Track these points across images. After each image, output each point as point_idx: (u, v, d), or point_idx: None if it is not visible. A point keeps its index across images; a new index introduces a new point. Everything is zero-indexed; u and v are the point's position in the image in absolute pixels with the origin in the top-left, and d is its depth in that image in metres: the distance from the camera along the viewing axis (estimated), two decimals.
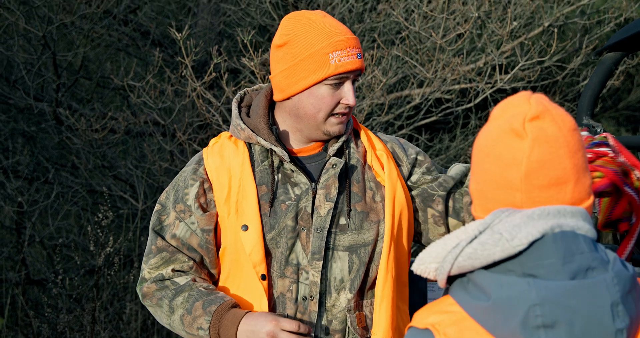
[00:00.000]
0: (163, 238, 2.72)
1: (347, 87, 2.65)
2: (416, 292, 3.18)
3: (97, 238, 5.86)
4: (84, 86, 7.74)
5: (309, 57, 2.62)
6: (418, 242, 2.85)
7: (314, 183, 2.68)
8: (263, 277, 2.63)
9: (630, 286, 1.68)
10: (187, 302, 2.64)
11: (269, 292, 2.65)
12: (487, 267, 1.71)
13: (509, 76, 6.16)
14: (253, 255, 2.63)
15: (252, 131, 2.70)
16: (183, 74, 5.94)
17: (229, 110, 6.10)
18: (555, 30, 6.14)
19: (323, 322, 2.66)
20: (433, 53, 6.23)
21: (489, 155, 1.76)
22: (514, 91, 7.51)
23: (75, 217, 7.36)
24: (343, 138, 2.73)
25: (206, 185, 2.71)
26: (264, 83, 5.50)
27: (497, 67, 6.25)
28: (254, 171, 2.70)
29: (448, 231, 2.78)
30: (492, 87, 6.27)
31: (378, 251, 2.68)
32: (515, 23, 6.22)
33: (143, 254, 6.61)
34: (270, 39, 7.27)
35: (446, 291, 1.80)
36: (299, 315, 2.65)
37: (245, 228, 2.64)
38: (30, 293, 7.01)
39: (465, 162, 7.24)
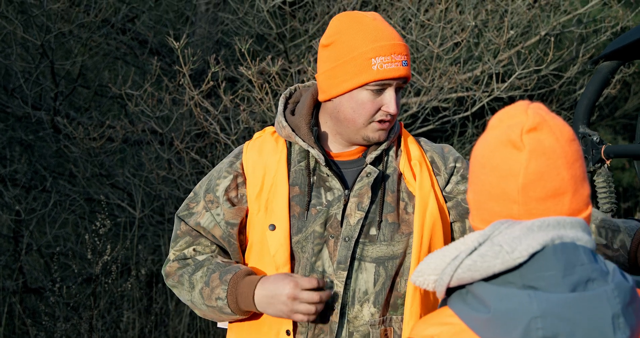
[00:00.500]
0: (187, 223, 2.69)
1: (389, 94, 2.56)
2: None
3: (95, 247, 5.86)
4: (81, 95, 7.75)
5: (351, 60, 2.55)
6: None
7: (347, 190, 2.60)
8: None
9: (630, 298, 1.67)
10: (205, 275, 2.60)
11: None
12: (486, 279, 1.69)
13: (506, 84, 6.17)
14: (277, 256, 2.58)
15: (292, 130, 2.64)
16: (181, 82, 5.95)
17: (227, 118, 6.11)
18: (552, 39, 6.16)
19: (344, 334, 2.58)
20: (430, 62, 6.25)
21: (486, 166, 1.75)
22: (511, 99, 7.52)
23: (73, 225, 7.36)
24: (383, 146, 2.64)
25: (240, 180, 2.67)
26: (261, 92, 5.52)
27: (494, 75, 6.26)
28: (289, 170, 2.64)
29: None
30: (489, 96, 6.29)
31: (407, 265, 2.60)
32: (512, 32, 6.24)
33: (140, 263, 6.62)
34: (267, 48, 7.29)
35: (443, 303, 1.78)
36: (320, 324, 2.58)
37: (273, 227, 2.59)
38: (28, 301, 7.01)
39: None
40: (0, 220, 7.10)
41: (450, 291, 1.76)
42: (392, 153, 2.68)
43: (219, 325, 2.86)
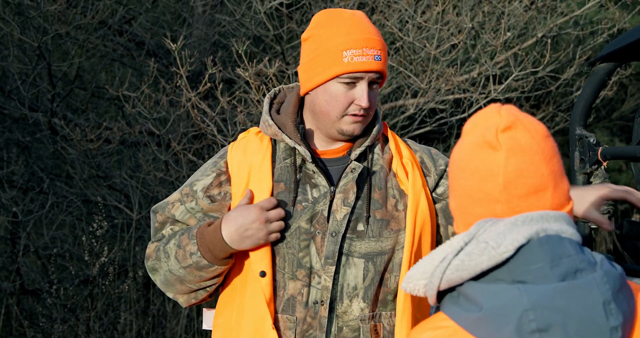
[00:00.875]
0: (162, 213, 2.71)
1: (361, 87, 2.57)
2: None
3: (92, 248, 5.86)
4: (78, 96, 7.75)
5: (324, 53, 2.57)
6: None
7: (333, 187, 2.62)
8: (262, 274, 2.58)
9: (620, 284, 1.69)
10: (176, 240, 2.62)
11: (274, 292, 2.60)
12: (475, 278, 1.70)
13: (503, 86, 6.18)
14: (255, 250, 2.59)
15: (279, 128, 2.66)
16: (178, 84, 5.96)
17: (224, 120, 6.11)
18: (549, 40, 6.17)
19: (333, 329, 2.59)
20: (427, 63, 6.25)
21: (465, 170, 1.76)
22: (508, 101, 7.53)
23: (70, 227, 7.36)
24: (367, 143, 2.66)
25: (223, 177, 2.68)
26: (258, 93, 5.52)
27: (491, 77, 6.27)
28: (273, 168, 2.65)
29: None
30: (486, 98, 6.30)
31: (397, 261, 2.62)
32: (509, 34, 6.25)
33: (137, 264, 6.62)
34: (264, 50, 7.29)
35: (437, 310, 1.79)
36: (309, 319, 2.58)
37: None
38: (25, 303, 7.00)
39: None
40: None
41: (441, 296, 1.76)
42: (377, 150, 2.70)
43: (204, 326, 2.86)
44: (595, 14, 7.46)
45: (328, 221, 2.59)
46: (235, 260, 2.64)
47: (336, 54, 2.55)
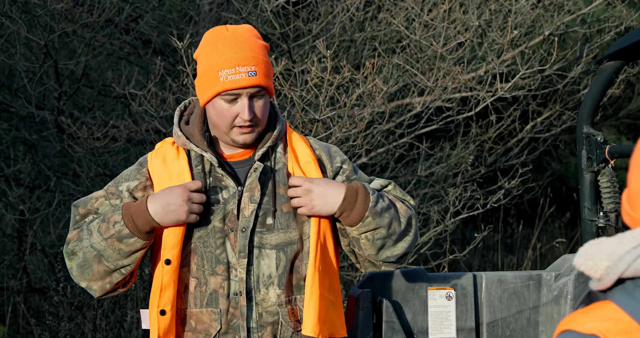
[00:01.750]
0: (84, 206, 2.93)
1: (242, 102, 2.81)
2: (363, 309, 3.35)
3: None
4: (85, 95, 7.76)
5: (205, 74, 2.83)
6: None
7: (240, 187, 2.87)
8: (167, 262, 2.82)
9: None
10: (101, 217, 2.85)
11: (179, 281, 2.87)
12: None
13: (510, 84, 6.17)
14: (167, 239, 2.82)
15: (187, 138, 2.91)
16: (184, 82, 5.96)
17: None
18: (556, 39, 6.15)
19: (254, 316, 2.86)
20: (434, 62, 6.24)
21: None
22: (515, 99, 7.52)
23: None
24: (269, 143, 2.90)
25: (147, 183, 2.92)
26: None
27: (497, 75, 6.26)
28: (192, 175, 2.90)
29: (349, 242, 2.98)
30: (492, 96, 6.28)
31: (305, 250, 2.88)
32: (515, 32, 6.24)
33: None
34: (271, 48, 7.29)
35: (589, 297, 1.62)
36: (231, 310, 2.85)
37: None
38: (32, 301, 7.02)
39: (466, 171, 7.24)
40: (4, 220, 7.11)
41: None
42: (279, 150, 2.94)
43: (143, 326, 3.03)
44: (602, 12, 7.44)
45: (238, 219, 2.86)
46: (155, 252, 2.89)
47: (214, 74, 2.81)
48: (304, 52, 6.79)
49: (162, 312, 2.83)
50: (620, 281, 1.55)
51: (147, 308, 2.98)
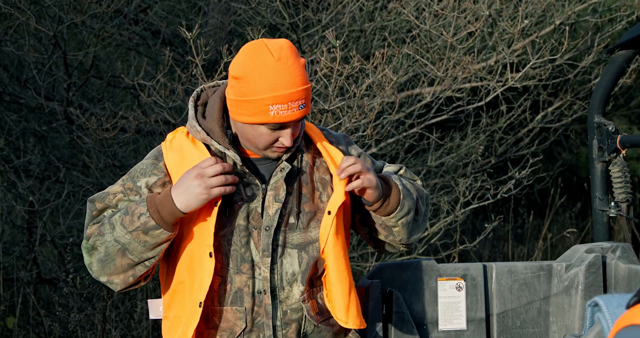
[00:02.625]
0: (102, 201, 2.86)
1: (286, 131, 2.77)
2: (373, 300, 3.34)
3: None
4: (94, 85, 7.75)
5: (252, 102, 2.72)
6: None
7: (264, 185, 2.85)
8: (210, 255, 2.77)
9: None
10: (124, 210, 2.78)
11: (221, 286, 2.84)
12: None
13: (520, 74, 6.14)
14: (198, 231, 2.79)
15: (207, 134, 2.85)
16: (193, 73, 5.94)
17: None
18: (567, 28, 6.12)
19: (279, 314, 2.86)
20: (444, 51, 6.22)
21: None
22: (525, 89, 7.48)
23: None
24: (293, 148, 2.86)
25: (166, 179, 2.86)
26: None
27: (508, 65, 6.23)
28: None
29: (370, 230, 3.01)
30: (503, 86, 6.25)
31: (327, 246, 2.87)
32: (526, 21, 6.20)
33: None
34: (280, 38, 7.26)
35: None
36: (256, 308, 2.84)
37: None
38: (42, 292, 7.03)
39: (476, 161, 7.21)
40: (14, 211, 7.11)
41: None
42: (303, 148, 2.92)
43: (151, 316, 3.03)
44: (614, 1, 7.39)
45: (262, 217, 2.84)
46: (185, 245, 2.84)
47: (264, 107, 2.71)
48: (313, 42, 6.77)
49: (200, 305, 2.80)
50: None
51: (156, 298, 2.98)
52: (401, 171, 3.08)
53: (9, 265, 6.80)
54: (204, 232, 2.79)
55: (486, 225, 6.44)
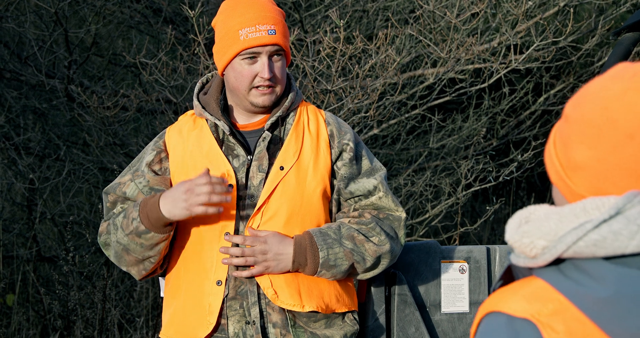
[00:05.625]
0: (114, 193, 3.02)
1: (261, 61, 2.88)
2: (375, 282, 3.35)
3: None
4: (95, 63, 7.72)
5: (225, 36, 2.90)
6: None
7: (250, 156, 2.96)
8: (226, 234, 2.95)
9: None
10: (124, 212, 2.95)
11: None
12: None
13: (524, 56, 6.11)
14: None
15: (203, 108, 3.01)
16: (195, 51, 5.91)
17: None
18: (571, 10, 6.08)
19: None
20: (447, 33, 6.18)
21: (636, 137, 1.41)
22: (528, 71, 7.46)
23: (87, 194, 7.36)
24: (279, 113, 2.97)
25: (163, 155, 3.01)
26: None
27: (511, 47, 6.20)
28: (208, 141, 3.00)
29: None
30: (506, 68, 6.22)
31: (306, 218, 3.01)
32: (530, 3, 6.17)
33: None
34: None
35: (510, 273, 1.53)
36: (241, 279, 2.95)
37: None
38: (41, 270, 7.02)
39: (478, 143, 7.20)
40: (14, 189, 7.10)
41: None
42: (291, 121, 3.01)
43: (162, 294, 3.12)
44: None
45: (247, 187, 2.94)
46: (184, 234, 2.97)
47: (234, 34, 2.87)
48: (316, 22, 6.73)
49: (219, 283, 2.94)
50: (554, 260, 1.45)
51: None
52: (374, 198, 3.04)
53: (8, 243, 6.79)
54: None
55: (487, 208, 6.43)
